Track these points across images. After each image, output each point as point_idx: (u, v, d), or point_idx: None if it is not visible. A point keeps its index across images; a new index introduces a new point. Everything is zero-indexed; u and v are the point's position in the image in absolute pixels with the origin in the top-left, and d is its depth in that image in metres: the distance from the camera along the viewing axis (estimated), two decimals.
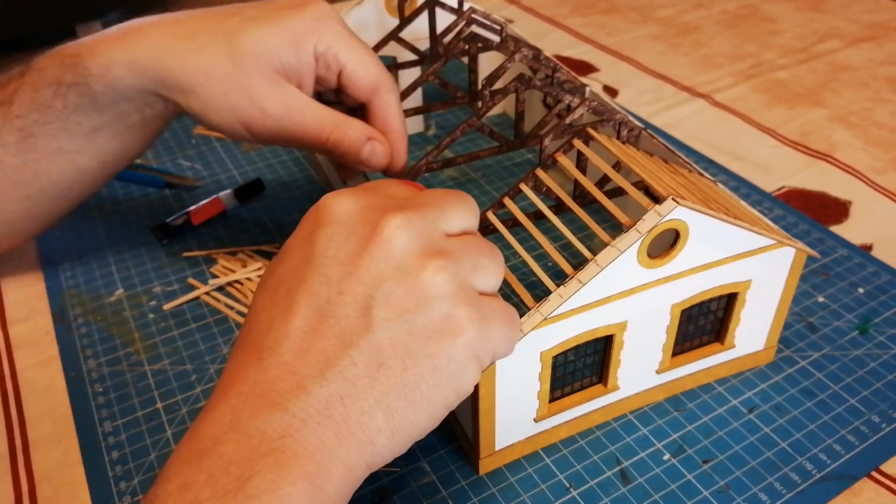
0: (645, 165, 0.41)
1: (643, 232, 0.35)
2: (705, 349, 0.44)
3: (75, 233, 0.57)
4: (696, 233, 0.37)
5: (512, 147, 0.47)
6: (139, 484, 0.40)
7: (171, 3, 2.46)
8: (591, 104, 0.45)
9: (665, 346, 0.41)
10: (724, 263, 0.39)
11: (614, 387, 0.41)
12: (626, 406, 0.43)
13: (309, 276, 0.30)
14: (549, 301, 0.35)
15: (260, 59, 0.42)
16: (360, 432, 0.28)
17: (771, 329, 0.44)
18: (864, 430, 0.42)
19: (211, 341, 0.48)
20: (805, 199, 0.60)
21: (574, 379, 0.41)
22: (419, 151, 0.65)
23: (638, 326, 0.39)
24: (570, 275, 0.35)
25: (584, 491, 0.39)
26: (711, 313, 0.43)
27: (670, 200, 0.34)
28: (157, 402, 0.44)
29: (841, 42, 0.83)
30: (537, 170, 0.42)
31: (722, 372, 0.45)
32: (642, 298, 0.38)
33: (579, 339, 0.38)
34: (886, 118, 0.70)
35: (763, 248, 0.40)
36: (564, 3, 0.94)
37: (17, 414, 0.44)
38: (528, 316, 0.35)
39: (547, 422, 0.40)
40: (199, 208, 0.57)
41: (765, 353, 0.45)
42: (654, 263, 0.37)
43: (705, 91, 0.75)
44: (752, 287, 0.41)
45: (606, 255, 0.35)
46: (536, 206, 0.40)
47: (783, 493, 0.39)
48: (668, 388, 0.44)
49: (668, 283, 0.38)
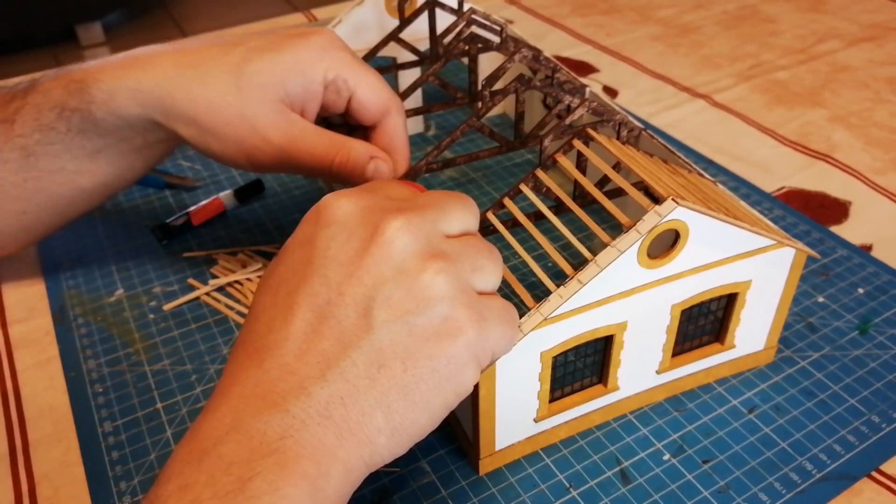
0: (645, 166, 0.41)
1: (643, 232, 0.35)
2: (705, 349, 0.44)
3: (75, 233, 0.57)
4: (696, 233, 0.37)
5: (512, 147, 0.47)
6: (139, 484, 0.40)
7: (172, 5, 2.46)
8: (591, 105, 0.45)
9: (665, 346, 0.41)
10: (724, 264, 0.39)
11: (614, 387, 0.41)
12: (626, 406, 0.43)
13: (309, 277, 0.30)
14: (549, 301, 0.35)
15: (265, 90, 0.42)
16: (360, 432, 0.28)
17: (771, 329, 0.44)
18: (864, 431, 0.42)
19: (211, 341, 0.48)
20: (805, 199, 0.60)
21: (574, 379, 0.41)
22: (419, 152, 0.65)
23: (638, 327, 0.39)
24: (570, 275, 0.35)
25: (584, 491, 0.39)
26: (711, 313, 0.43)
27: (670, 201, 0.34)
28: (157, 402, 0.44)
29: (841, 42, 0.83)
30: (537, 170, 0.42)
31: (722, 372, 0.45)
32: (642, 299, 0.38)
33: (579, 339, 0.38)
34: (886, 118, 0.70)
35: (763, 249, 0.40)
36: (564, 3, 0.94)
37: (17, 414, 0.44)
38: (528, 316, 0.35)
39: (547, 422, 0.40)
40: (199, 209, 0.57)
41: (765, 353, 0.45)
42: (655, 264, 0.37)
43: (705, 91, 0.75)
44: (752, 287, 0.41)
45: (606, 256, 0.35)
46: (536, 206, 0.40)
47: (783, 493, 0.39)
48: (668, 389, 0.44)
49: (669, 284, 0.38)
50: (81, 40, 2.21)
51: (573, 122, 0.45)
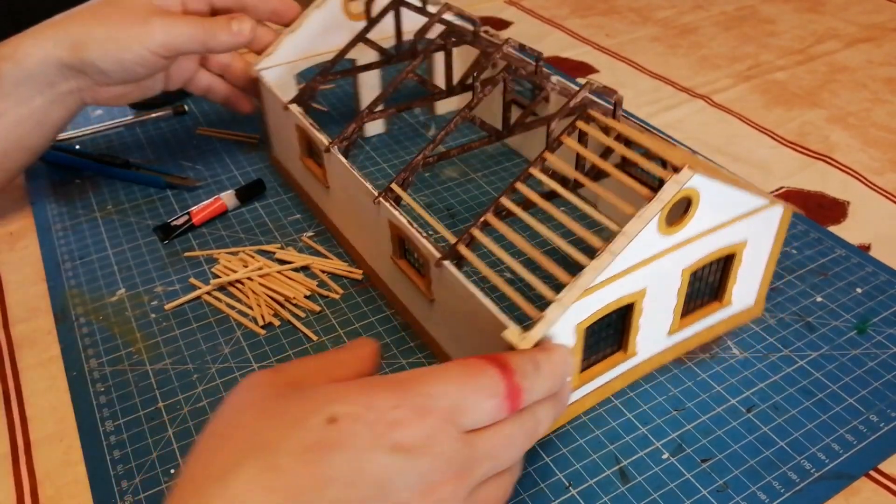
0: (648, 139, 0.42)
1: (665, 200, 0.36)
2: (706, 308, 0.46)
3: (77, 233, 0.58)
4: (705, 199, 0.39)
5: (500, 136, 0.49)
6: (140, 483, 0.40)
7: None
8: (592, 86, 0.47)
9: (676, 308, 0.44)
10: (726, 226, 0.42)
11: (633, 352, 0.43)
12: (641, 371, 0.45)
13: None
14: (585, 274, 0.36)
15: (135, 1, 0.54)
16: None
17: (761, 284, 0.47)
18: (863, 430, 0.42)
19: (212, 341, 0.48)
20: (803, 199, 0.60)
21: (598, 349, 0.42)
22: (414, 147, 0.65)
23: (654, 292, 0.41)
24: (601, 247, 0.36)
25: (583, 490, 0.39)
26: (712, 274, 0.45)
27: (687, 169, 0.36)
28: (158, 401, 0.45)
29: (839, 43, 0.83)
30: (545, 153, 0.43)
31: (720, 329, 0.47)
32: (659, 265, 0.40)
33: (607, 308, 0.39)
34: (884, 119, 0.70)
35: (758, 209, 0.43)
36: (564, 4, 0.94)
37: (18, 413, 0.45)
38: (568, 290, 0.36)
39: (577, 393, 0.42)
40: (201, 208, 0.57)
41: (755, 308, 0.48)
42: (671, 231, 0.39)
43: (704, 92, 0.75)
44: (748, 246, 0.44)
45: (634, 226, 0.36)
46: (550, 186, 0.42)
47: (782, 492, 0.39)
48: (676, 350, 0.46)
49: (681, 249, 0.40)
50: None
51: (575, 104, 0.46)
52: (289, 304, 0.50)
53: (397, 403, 0.29)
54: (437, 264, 0.41)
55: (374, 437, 0.28)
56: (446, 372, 0.31)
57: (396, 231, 0.45)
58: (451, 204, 0.59)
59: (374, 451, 0.28)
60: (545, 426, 0.34)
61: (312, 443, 0.27)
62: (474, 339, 0.41)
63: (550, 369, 0.34)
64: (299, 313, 0.50)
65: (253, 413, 0.29)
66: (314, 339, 0.48)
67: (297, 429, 0.27)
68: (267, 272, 0.52)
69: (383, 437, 0.28)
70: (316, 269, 0.53)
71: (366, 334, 0.48)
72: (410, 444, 0.28)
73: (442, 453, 0.29)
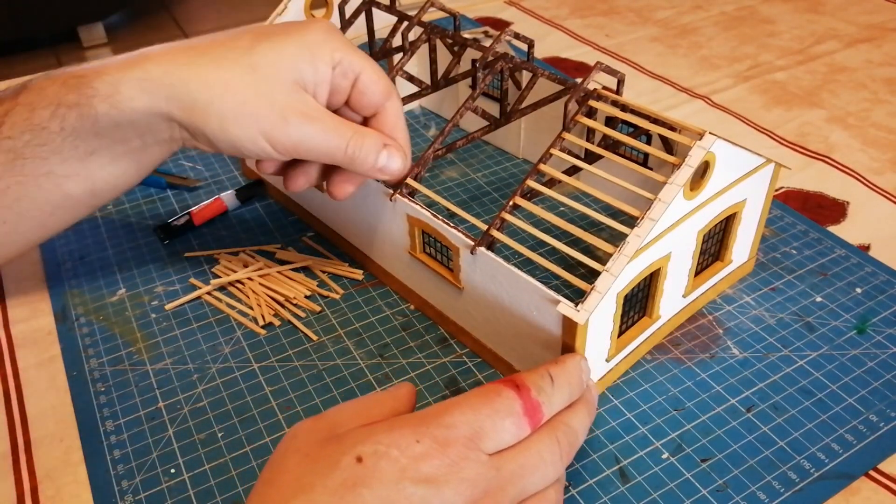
0: (658, 112, 0.45)
1: (694, 166, 0.38)
2: (711, 268, 0.49)
3: (77, 233, 0.58)
4: (720, 161, 0.41)
5: (499, 124, 0.51)
6: (141, 483, 0.40)
7: (174, 7, 2.47)
8: (600, 66, 0.48)
9: (690, 270, 0.46)
10: (732, 187, 0.44)
11: (657, 316, 0.45)
12: (661, 333, 0.47)
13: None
14: (629, 243, 0.38)
15: (278, 69, 0.42)
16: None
17: (753, 241, 0.51)
18: (862, 430, 0.42)
19: (212, 341, 0.48)
20: (803, 199, 0.60)
21: (630, 315, 0.44)
22: (414, 145, 0.65)
23: (676, 256, 0.43)
24: (640, 216, 0.38)
25: (583, 489, 0.39)
26: (716, 234, 0.48)
27: (709, 135, 0.39)
28: (158, 401, 0.45)
29: (839, 43, 0.83)
30: (563, 133, 0.45)
31: (722, 286, 0.51)
32: (682, 229, 0.42)
33: (641, 275, 0.41)
34: (884, 119, 0.70)
35: (756, 168, 0.46)
36: (564, 4, 0.95)
37: (19, 413, 0.45)
38: (613, 260, 0.38)
39: (612, 361, 0.43)
40: (201, 208, 0.57)
41: (748, 264, 0.52)
42: (692, 195, 0.41)
43: (704, 92, 0.75)
44: (746, 205, 0.47)
45: (669, 192, 0.38)
46: (572, 162, 0.44)
47: (781, 492, 0.39)
48: (688, 310, 0.49)
49: (698, 212, 0.43)
50: (83, 41, 2.21)
51: (585, 85, 0.47)
52: (289, 304, 0.51)
53: (419, 438, 0.31)
54: (472, 251, 0.42)
55: (399, 472, 0.30)
56: (464, 401, 0.33)
57: (418, 224, 0.46)
58: (457, 194, 0.59)
59: (401, 483, 0.30)
60: (582, 433, 0.36)
61: (344, 481, 0.30)
62: (514, 321, 0.42)
63: (566, 379, 0.36)
64: (300, 313, 0.50)
65: (297, 459, 0.31)
66: (314, 339, 0.48)
67: (331, 470, 0.30)
68: (267, 272, 0.52)
69: (408, 470, 0.30)
70: (316, 269, 0.53)
71: (366, 334, 0.48)
72: (435, 474, 0.30)
73: (466, 478, 0.31)
